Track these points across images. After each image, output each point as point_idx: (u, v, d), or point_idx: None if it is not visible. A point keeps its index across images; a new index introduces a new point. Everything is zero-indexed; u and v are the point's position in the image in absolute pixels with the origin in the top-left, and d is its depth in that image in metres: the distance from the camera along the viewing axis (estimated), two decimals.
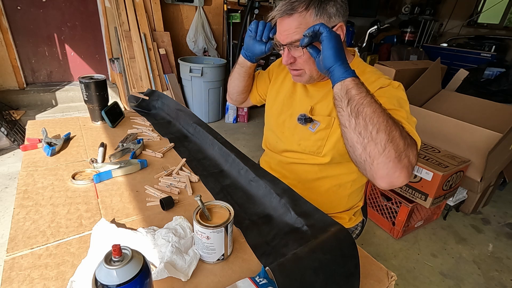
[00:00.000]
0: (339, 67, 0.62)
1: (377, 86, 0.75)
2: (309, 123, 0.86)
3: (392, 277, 0.59)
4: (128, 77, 3.01)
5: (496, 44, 4.05)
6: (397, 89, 0.75)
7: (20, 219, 0.65)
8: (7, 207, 1.79)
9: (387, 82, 0.76)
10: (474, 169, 1.85)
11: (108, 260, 0.39)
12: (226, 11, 3.47)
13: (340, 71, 0.62)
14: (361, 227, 1.05)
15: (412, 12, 4.75)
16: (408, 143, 0.58)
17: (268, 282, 0.50)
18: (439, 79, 2.42)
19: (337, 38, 0.63)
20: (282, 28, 0.75)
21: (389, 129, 0.56)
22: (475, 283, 1.58)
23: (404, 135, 0.58)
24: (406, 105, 0.73)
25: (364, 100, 0.58)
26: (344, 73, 0.62)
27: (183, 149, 1.02)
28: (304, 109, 0.88)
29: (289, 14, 0.72)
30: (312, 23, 0.71)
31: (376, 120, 0.57)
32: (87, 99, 1.10)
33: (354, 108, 0.59)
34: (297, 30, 0.72)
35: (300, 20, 0.71)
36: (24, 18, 2.88)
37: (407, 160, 0.57)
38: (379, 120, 0.57)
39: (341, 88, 0.62)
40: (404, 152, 0.57)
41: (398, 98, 0.72)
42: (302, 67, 0.79)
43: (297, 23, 0.72)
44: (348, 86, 0.61)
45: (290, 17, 0.72)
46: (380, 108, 0.58)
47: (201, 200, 0.57)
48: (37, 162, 0.87)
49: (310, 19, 0.71)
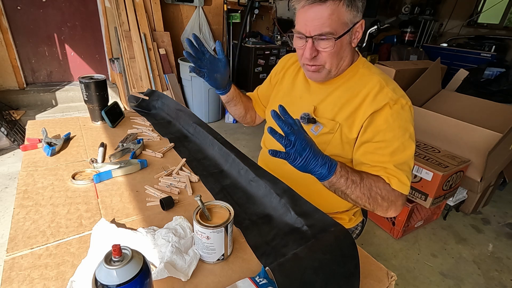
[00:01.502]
0: (316, 174, 0.65)
1: (384, 101, 0.74)
2: (312, 124, 0.84)
3: (392, 277, 0.59)
4: (128, 77, 3.01)
5: (496, 44, 4.05)
6: (404, 111, 0.75)
7: (20, 219, 0.65)
8: (7, 207, 1.79)
9: (395, 97, 0.74)
10: (474, 169, 1.85)
11: (108, 260, 0.39)
12: (226, 11, 3.47)
13: (318, 176, 0.66)
14: (361, 227, 1.05)
15: (412, 12, 4.75)
16: (390, 201, 0.72)
17: (268, 282, 0.50)
18: (439, 79, 2.42)
19: (303, 150, 0.61)
20: (310, 17, 0.69)
21: (368, 203, 0.71)
22: (475, 283, 1.58)
23: (386, 198, 0.71)
24: (411, 127, 0.76)
25: (345, 190, 0.69)
26: (323, 178, 0.66)
27: (183, 149, 1.02)
28: (307, 109, 0.86)
29: (322, 2, 0.66)
30: (344, 15, 0.69)
31: (361, 200, 0.70)
32: (87, 99, 1.10)
33: (342, 194, 0.70)
34: (329, 20, 0.68)
35: (333, 9, 0.67)
36: (24, 18, 2.88)
37: (393, 210, 0.73)
38: (357, 199, 0.70)
39: (327, 186, 0.69)
40: (389, 208, 0.72)
41: (404, 125, 0.74)
42: (324, 61, 0.76)
43: (330, 11, 0.67)
44: (330, 184, 0.68)
45: (323, 5, 0.67)
46: (356, 191, 0.69)
47: (201, 200, 0.57)
48: (37, 162, 0.87)
49: (342, 9, 0.68)
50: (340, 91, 0.82)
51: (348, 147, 0.81)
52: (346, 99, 0.80)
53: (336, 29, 0.70)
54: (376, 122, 0.74)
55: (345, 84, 0.82)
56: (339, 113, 0.80)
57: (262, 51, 3.49)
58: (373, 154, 0.75)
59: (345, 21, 0.70)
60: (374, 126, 0.75)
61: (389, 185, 0.72)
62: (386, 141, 0.73)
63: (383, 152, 0.73)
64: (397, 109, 0.74)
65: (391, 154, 0.73)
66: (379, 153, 0.74)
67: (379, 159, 0.74)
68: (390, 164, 0.72)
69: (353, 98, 0.79)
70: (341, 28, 0.70)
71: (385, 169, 0.73)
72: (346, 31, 0.71)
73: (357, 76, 0.81)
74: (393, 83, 0.80)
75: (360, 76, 0.81)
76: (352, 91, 0.79)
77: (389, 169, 0.72)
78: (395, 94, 0.75)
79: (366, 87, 0.78)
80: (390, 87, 0.76)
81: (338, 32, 0.70)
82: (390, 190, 0.72)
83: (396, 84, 0.80)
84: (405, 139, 0.73)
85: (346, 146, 0.81)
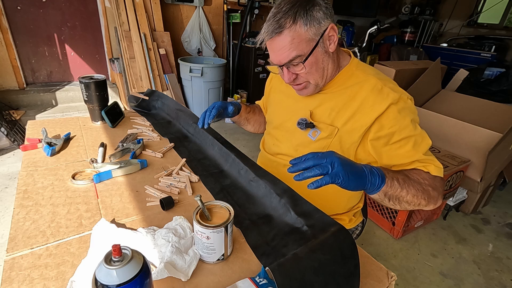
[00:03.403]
0: (370, 184, 0.63)
1: (387, 102, 0.73)
2: (310, 129, 0.84)
3: (392, 277, 0.59)
4: (128, 77, 3.01)
5: (496, 44, 4.05)
6: (408, 105, 0.75)
7: (20, 219, 0.65)
8: (7, 207, 1.79)
9: (397, 96, 0.74)
10: (474, 169, 1.85)
11: (108, 260, 0.39)
12: (226, 11, 3.47)
13: (372, 187, 0.63)
14: (361, 227, 1.05)
15: (412, 12, 4.75)
16: (438, 189, 0.71)
17: (268, 282, 0.50)
18: (439, 79, 2.42)
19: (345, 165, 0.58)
20: (275, 49, 0.72)
21: (424, 199, 0.69)
22: (475, 283, 1.58)
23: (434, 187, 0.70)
24: (417, 117, 0.77)
25: (400, 193, 0.67)
26: (378, 187, 0.64)
27: (183, 149, 1.02)
28: (303, 113, 0.85)
29: (279, 33, 0.69)
30: (304, 35, 0.69)
31: (417, 198, 0.69)
32: (87, 99, 1.10)
33: (395, 200, 0.68)
34: (292, 46, 0.70)
35: (292, 35, 0.69)
36: (24, 18, 2.88)
37: (440, 198, 0.73)
38: (413, 199, 0.69)
39: (379, 197, 0.67)
40: (438, 197, 0.72)
41: (413, 117, 0.75)
42: (306, 80, 0.77)
43: (290, 38, 0.69)
44: (385, 192, 0.65)
45: (281, 35, 0.69)
46: (412, 189, 0.67)
47: (201, 200, 0.57)
48: (37, 162, 0.87)
49: (301, 30, 0.69)
50: (336, 94, 0.81)
51: (348, 152, 0.81)
52: (343, 104, 0.79)
53: (302, 50, 0.70)
54: (386, 125, 0.74)
55: (341, 87, 0.81)
56: (336, 118, 0.80)
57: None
58: (397, 155, 0.75)
59: (309, 38, 0.70)
60: (387, 129, 0.74)
61: (429, 173, 0.72)
62: (404, 138, 0.73)
63: (406, 149, 0.73)
64: (402, 105, 0.74)
65: (414, 147, 0.73)
66: (403, 151, 0.74)
67: (406, 155, 0.74)
68: (419, 154, 0.73)
69: (350, 102, 0.78)
70: (308, 47, 0.71)
71: (417, 161, 0.73)
72: (313, 47, 0.71)
73: (352, 79, 0.80)
74: (390, 81, 0.79)
75: (355, 79, 0.80)
76: (349, 94, 0.79)
77: (421, 159, 0.73)
78: (395, 93, 0.74)
79: (363, 89, 0.77)
80: (388, 87, 0.76)
81: (305, 53, 0.71)
82: (432, 178, 0.72)
83: (393, 81, 0.80)
84: (419, 129, 0.75)
85: (346, 151, 0.81)
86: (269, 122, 1.01)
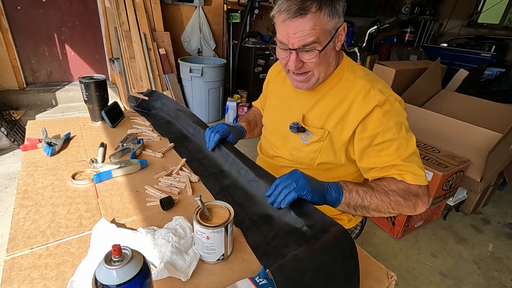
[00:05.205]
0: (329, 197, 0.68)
1: (373, 104, 0.73)
2: (302, 133, 0.84)
3: (392, 277, 0.59)
4: (128, 77, 3.01)
5: (496, 44, 4.05)
6: (395, 108, 0.75)
7: (20, 219, 0.65)
8: (7, 207, 1.79)
9: (383, 98, 0.73)
10: (474, 169, 1.85)
11: (108, 260, 0.39)
12: (226, 11, 3.47)
13: (332, 200, 0.68)
14: (361, 226, 1.05)
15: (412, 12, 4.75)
16: (414, 198, 0.71)
17: (268, 283, 0.50)
18: (439, 79, 2.42)
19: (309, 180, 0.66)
20: (292, 30, 0.68)
21: (393, 208, 0.70)
22: (475, 283, 1.58)
23: (407, 197, 0.71)
24: (405, 121, 0.77)
25: (362, 203, 0.69)
26: (337, 199, 0.68)
27: (183, 149, 1.02)
28: (296, 117, 0.85)
29: (303, 15, 0.66)
30: (326, 25, 0.68)
31: (383, 208, 0.70)
32: (87, 99, 1.10)
33: (362, 209, 0.71)
34: (312, 32, 0.67)
35: (315, 21, 0.67)
36: (24, 18, 2.88)
37: (421, 204, 0.73)
38: (380, 208, 0.70)
39: (343, 209, 0.70)
40: (416, 204, 0.72)
41: (399, 121, 0.75)
42: (311, 69, 0.75)
43: (312, 24, 0.67)
44: (347, 204, 0.69)
45: (304, 18, 0.66)
46: (374, 200, 0.69)
47: (201, 200, 0.57)
48: (37, 162, 0.87)
49: (324, 20, 0.67)
50: (326, 98, 0.81)
51: (340, 153, 0.81)
52: (333, 107, 0.79)
53: (320, 39, 0.69)
54: (370, 127, 0.74)
55: (331, 90, 0.81)
56: (327, 121, 0.80)
57: (262, 51, 3.49)
58: (378, 157, 0.75)
59: (328, 29, 0.70)
60: (370, 131, 0.74)
61: (404, 182, 0.72)
62: (387, 141, 0.73)
63: (387, 152, 0.73)
64: (388, 108, 0.74)
65: (395, 151, 0.73)
66: (383, 154, 0.74)
67: (385, 160, 0.73)
68: (398, 160, 0.72)
69: (339, 104, 0.78)
70: (325, 37, 0.70)
71: (395, 166, 0.73)
72: (330, 39, 0.71)
73: (342, 81, 0.80)
74: (380, 83, 0.78)
75: (345, 81, 0.80)
76: (338, 97, 0.79)
77: (399, 165, 0.72)
78: (382, 95, 0.74)
79: (352, 92, 0.77)
80: (376, 89, 0.75)
81: (322, 42, 0.70)
82: (407, 187, 0.72)
83: (383, 83, 0.79)
84: (403, 133, 0.74)
85: (338, 152, 0.81)
86: (265, 127, 1.01)
